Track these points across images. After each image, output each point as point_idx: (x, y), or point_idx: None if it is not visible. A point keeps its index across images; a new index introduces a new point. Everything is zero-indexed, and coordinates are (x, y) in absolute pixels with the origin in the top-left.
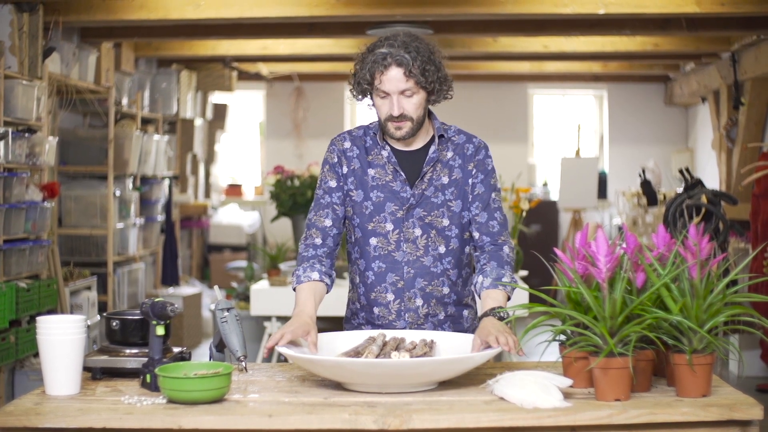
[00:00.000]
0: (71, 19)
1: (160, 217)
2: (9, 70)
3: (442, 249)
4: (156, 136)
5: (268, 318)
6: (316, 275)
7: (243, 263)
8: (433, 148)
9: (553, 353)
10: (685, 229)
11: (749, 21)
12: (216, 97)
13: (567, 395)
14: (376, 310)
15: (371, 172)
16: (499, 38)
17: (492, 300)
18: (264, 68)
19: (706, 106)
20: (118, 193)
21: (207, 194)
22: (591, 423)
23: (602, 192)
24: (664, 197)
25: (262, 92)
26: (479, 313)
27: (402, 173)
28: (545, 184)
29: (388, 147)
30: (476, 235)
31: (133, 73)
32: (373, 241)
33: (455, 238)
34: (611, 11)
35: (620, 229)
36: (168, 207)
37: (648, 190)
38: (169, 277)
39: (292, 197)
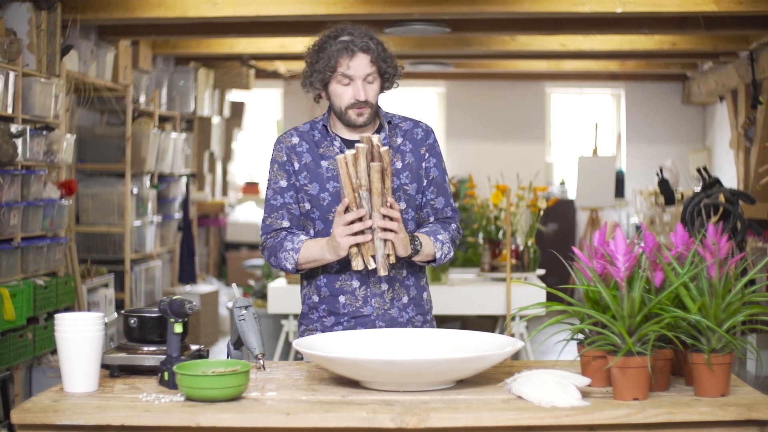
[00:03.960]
0: (89, 17)
1: (178, 215)
2: (27, 68)
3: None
4: (173, 134)
5: (286, 316)
6: (303, 237)
7: (260, 261)
8: (383, 134)
9: (571, 352)
10: (703, 229)
11: (767, 20)
12: (233, 95)
13: (585, 394)
14: (342, 298)
15: (324, 164)
16: (516, 37)
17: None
18: (281, 66)
19: (724, 105)
20: (135, 190)
21: (224, 192)
22: (609, 422)
23: (619, 191)
24: (682, 196)
25: (280, 90)
26: None
27: None
28: (562, 183)
29: (338, 138)
30: (431, 219)
31: (150, 70)
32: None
33: (411, 221)
34: (629, 10)
35: (638, 228)
36: (185, 205)
37: (665, 189)
38: (186, 275)
39: None
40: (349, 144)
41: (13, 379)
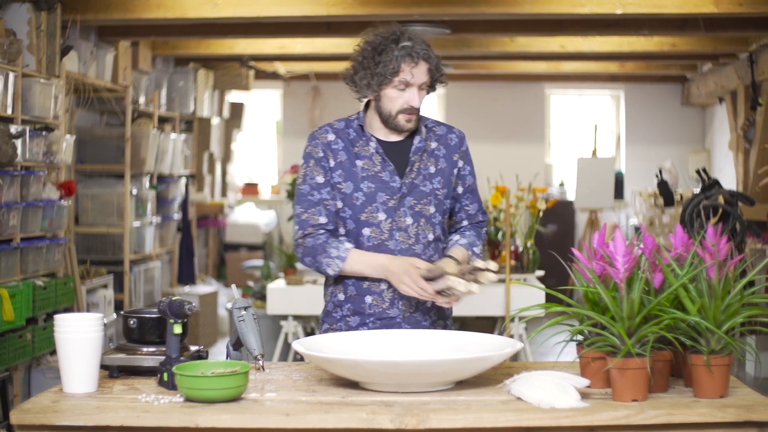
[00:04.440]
0: (89, 17)
1: (177, 216)
2: (27, 69)
3: (430, 236)
4: (173, 135)
5: (285, 317)
6: (348, 245)
7: (259, 262)
8: (419, 138)
9: (570, 353)
10: (702, 230)
11: (767, 21)
12: (233, 96)
13: (584, 395)
14: (368, 299)
15: (359, 163)
16: (516, 38)
17: (461, 253)
18: (281, 67)
19: (724, 107)
20: (134, 191)
21: (223, 193)
22: (608, 423)
23: (619, 192)
24: (681, 198)
25: (279, 91)
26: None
27: (391, 163)
28: (562, 184)
29: (374, 138)
30: (465, 223)
31: (150, 71)
32: (366, 231)
33: (439, 225)
34: (629, 11)
35: (638, 229)
36: (184, 206)
37: (665, 191)
38: (186, 276)
39: None
40: (385, 145)
41: (12, 379)
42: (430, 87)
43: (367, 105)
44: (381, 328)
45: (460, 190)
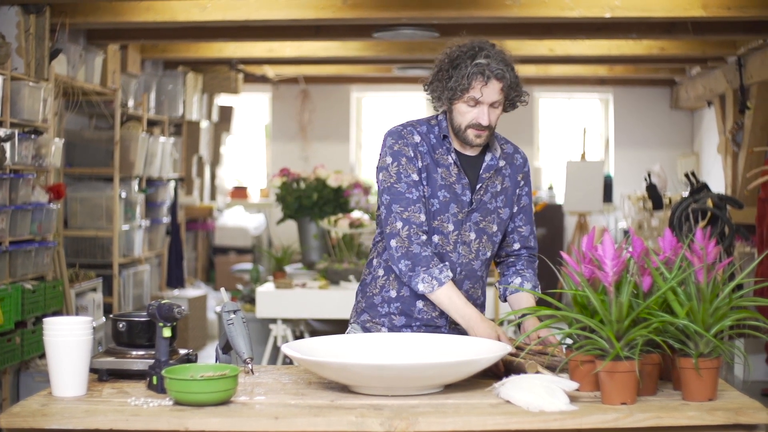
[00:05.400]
0: (78, 20)
1: (166, 219)
2: (15, 72)
3: (488, 254)
4: (162, 138)
5: (274, 320)
6: (449, 273)
7: (248, 266)
8: (491, 156)
9: None
10: (691, 233)
11: (755, 25)
12: (222, 100)
13: (573, 399)
14: (419, 303)
15: (439, 170)
16: (505, 41)
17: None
18: (270, 71)
19: (712, 110)
20: (123, 194)
21: (212, 196)
22: (597, 426)
23: (608, 195)
24: (670, 201)
25: (268, 95)
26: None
27: (465, 177)
28: (551, 188)
29: (453, 149)
30: (516, 246)
31: (139, 75)
32: (435, 238)
33: (497, 244)
34: (617, 15)
35: (626, 232)
36: (173, 209)
37: (653, 194)
38: (175, 279)
39: (297, 200)
40: (462, 158)
41: (1, 383)
42: (510, 105)
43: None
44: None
45: (515, 209)
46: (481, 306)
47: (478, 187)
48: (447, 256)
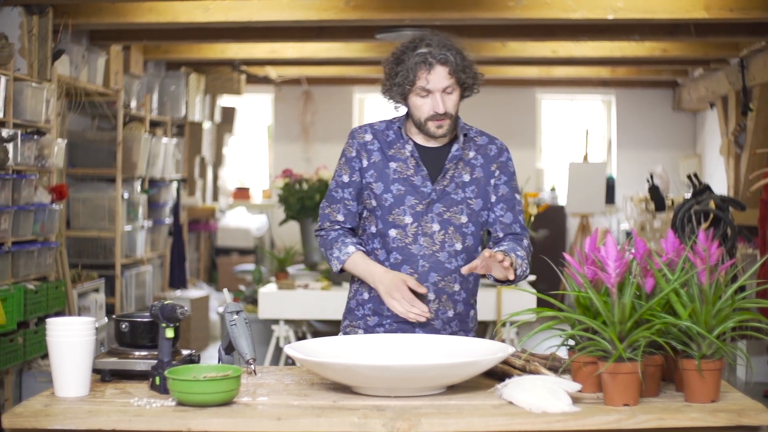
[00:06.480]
0: (80, 21)
1: (168, 220)
2: (18, 73)
3: (458, 246)
4: (164, 139)
5: (276, 321)
6: (351, 248)
7: (251, 266)
8: (456, 146)
9: None
10: (693, 235)
11: (758, 27)
12: (224, 101)
13: (576, 400)
14: None
15: (393, 165)
16: (507, 43)
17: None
18: (272, 72)
19: (715, 112)
20: (126, 195)
21: (215, 197)
22: (600, 428)
23: (610, 197)
24: (672, 203)
25: (271, 96)
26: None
27: (424, 168)
28: (553, 189)
29: (411, 142)
30: (500, 234)
31: (141, 75)
32: (392, 232)
33: (471, 235)
34: (620, 17)
35: (629, 234)
36: (176, 210)
37: (656, 196)
38: (177, 280)
39: (300, 201)
40: (422, 150)
41: (4, 383)
42: (465, 89)
43: None
44: (397, 332)
45: (493, 199)
46: (464, 303)
47: (439, 177)
48: (407, 248)
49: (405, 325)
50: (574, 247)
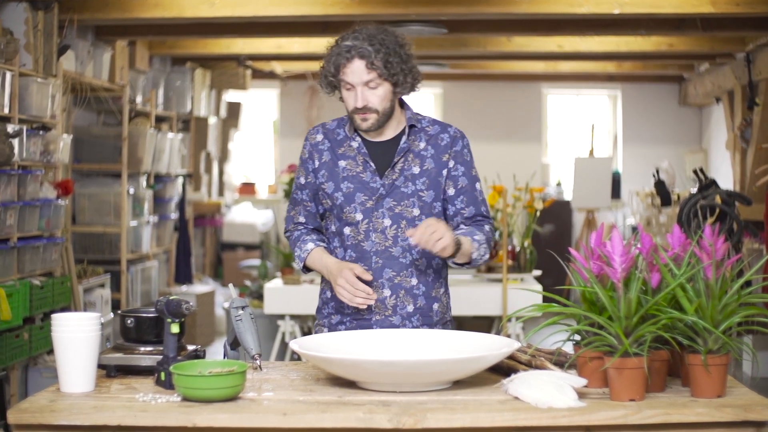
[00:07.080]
0: (86, 17)
1: (174, 215)
2: (24, 68)
3: (412, 240)
4: (170, 134)
5: (282, 316)
6: (311, 245)
7: (256, 262)
8: (403, 138)
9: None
10: (699, 230)
11: (764, 21)
12: (230, 96)
13: (581, 395)
14: None
15: (342, 163)
16: (513, 38)
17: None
18: (278, 67)
19: (721, 107)
20: (131, 191)
21: (221, 192)
22: (605, 423)
23: (616, 192)
24: (678, 197)
25: (276, 91)
26: None
27: (372, 164)
28: (559, 184)
29: (358, 138)
30: (463, 227)
31: (147, 71)
32: (346, 230)
33: None
34: (626, 11)
35: (635, 229)
36: (181, 205)
37: (662, 191)
38: (183, 275)
39: None
40: (371, 146)
41: (9, 379)
42: (394, 84)
43: None
44: (356, 329)
45: (451, 192)
46: (425, 297)
47: (388, 171)
48: (360, 246)
49: (363, 322)
50: (580, 242)
